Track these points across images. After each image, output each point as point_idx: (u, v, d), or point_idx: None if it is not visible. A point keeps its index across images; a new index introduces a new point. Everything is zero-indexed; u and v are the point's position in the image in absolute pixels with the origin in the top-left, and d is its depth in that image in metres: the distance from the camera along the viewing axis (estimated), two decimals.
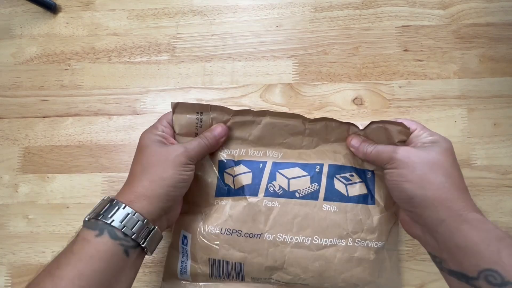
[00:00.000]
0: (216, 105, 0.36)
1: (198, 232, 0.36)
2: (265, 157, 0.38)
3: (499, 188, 0.41)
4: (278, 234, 0.35)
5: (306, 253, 0.35)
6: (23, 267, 0.41)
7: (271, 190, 0.36)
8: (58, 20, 0.47)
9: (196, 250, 0.36)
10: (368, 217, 0.36)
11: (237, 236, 0.35)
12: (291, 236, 0.35)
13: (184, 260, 0.37)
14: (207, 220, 0.36)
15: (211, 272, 0.36)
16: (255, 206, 0.36)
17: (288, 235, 0.35)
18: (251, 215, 0.36)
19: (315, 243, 0.35)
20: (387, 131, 0.34)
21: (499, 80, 0.43)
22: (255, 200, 0.36)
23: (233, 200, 0.36)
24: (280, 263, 0.35)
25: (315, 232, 0.35)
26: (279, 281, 0.36)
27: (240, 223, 0.35)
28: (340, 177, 0.37)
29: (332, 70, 0.44)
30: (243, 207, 0.36)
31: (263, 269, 0.36)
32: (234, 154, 0.38)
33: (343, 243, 0.35)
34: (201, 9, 0.47)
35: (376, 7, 0.46)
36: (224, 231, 0.35)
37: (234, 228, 0.35)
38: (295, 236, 0.35)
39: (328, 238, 0.35)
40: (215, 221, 0.36)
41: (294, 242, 0.35)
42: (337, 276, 0.35)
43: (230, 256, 0.35)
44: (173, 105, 0.35)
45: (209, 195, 0.37)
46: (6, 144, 0.44)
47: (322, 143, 0.38)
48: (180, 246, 0.37)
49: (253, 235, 0.35)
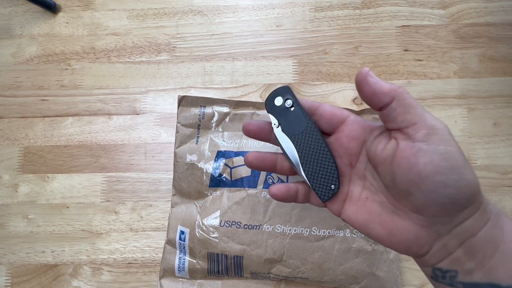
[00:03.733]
0: (219, 99, 0.40)
1: (197, 225, 0.36)
2: (266, 148, 0.38)
3: (499, 188, 0.41)
4: (277, 225, 0.36)
5: (305, 244, 0.36)
6: (23, 267, 0.41)
7: (270, 182, 0.37)
8: (58, 20, 0.47)
9: (195, 244, 0.36)
10: None
11: (237, 228, 0.36)
12: (290, 227, 0.36)
13: (182, 256, 0.37)
14: (204, 212, 0.37)
15: (209, 267, 0.37)
16: (254, 198, 0.36)
17: (286, 226, 0.36)
18: (250, 206, 0.36)
19: (314, 234, 0.36)
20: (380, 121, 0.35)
21: (499, 79, 0.43)
22: (254, 191, 0.36)
23: (230, 192, 0.37)
24: (279, 255, 0.36)
25: (314, 223, 0.36)
26: (279, 275, 0.36)
27: (240, 214, 0.36)
28: None
29: (332, 69, 0.44)
30: (242, 198, 0.36)
31: (262, 262, 0.36)
32: (234, 145, 0.39)
33: (341, 233, 0.36)
34: (201, 9, 0.47)
35: (376, 7, 0.46)
36: (224, 223, 0.36)
37: (233, 220, 0.36)
38: (294, 227, 0.36)
39: (326, 229, 0.36)
40: (213, 213, 0.36)
41: (293, 233, 0.36)
42: (336, 268, 0.35)
43: (229, 249, 0.36)
44: (179, 98, 0.40)
45: (202, 184, 0.38)
46: (6, 144, 0.44)
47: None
48: (178, 242, 0.38)
49: (252, 226, 0.36)
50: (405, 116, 0.21)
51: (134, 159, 0.43)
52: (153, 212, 0.42)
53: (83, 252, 0.41)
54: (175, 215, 0.38)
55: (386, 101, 0.22)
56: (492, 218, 0.21)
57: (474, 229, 0.21)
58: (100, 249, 0.41)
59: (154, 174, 0.42)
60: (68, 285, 0.40)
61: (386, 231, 0.23)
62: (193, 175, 0.38)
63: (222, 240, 0.36)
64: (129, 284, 0.40)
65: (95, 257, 0.41)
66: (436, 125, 0.21)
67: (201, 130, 0.40)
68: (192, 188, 0.38)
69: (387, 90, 0.22)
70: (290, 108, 0.26)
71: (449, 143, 0.20)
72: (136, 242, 0.41)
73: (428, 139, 0.20)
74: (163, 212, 0.41)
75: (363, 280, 0.36)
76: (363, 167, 0.25)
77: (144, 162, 0.43)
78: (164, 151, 0.43)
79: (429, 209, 0.21)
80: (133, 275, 0.40)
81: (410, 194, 0.21)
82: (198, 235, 0.36)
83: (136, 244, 0.41)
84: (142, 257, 0.41)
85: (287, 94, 0.26)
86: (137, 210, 0.42)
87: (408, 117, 0.21)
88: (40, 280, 0.40)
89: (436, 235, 0.21)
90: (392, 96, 0.22)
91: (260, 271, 0.36)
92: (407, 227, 0.22)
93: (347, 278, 0.36)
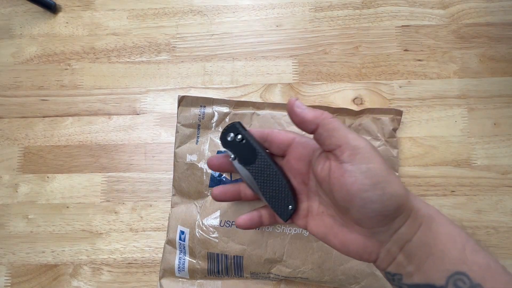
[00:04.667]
0: (219, 99, 0.40)
1: (197, 225, 0.36)
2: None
3: (499, 188, 0.41)
4: (277, 225, 0.35)
5: (305, 244, 0.36)
6: (23, 267, 0.41)
7: None
8: (58, 20, 0.47)
9: (195, 244, 0.36)
10: None
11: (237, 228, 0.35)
12: (290, 227, 0.36)
13: (182, 256, 0.37)
14: (204, 212, 0.37)
15: (209, 267, 0.37)
16: None
17: (286, 226, 0.36)
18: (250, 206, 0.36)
19: None
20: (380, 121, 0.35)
21: (499, 79, 0.43)
22: None
23: None
24: (279, 255, 0.36)
25: None
26: (279, 275, 0.36)
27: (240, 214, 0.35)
28: None
29: (332, 69, 0.44)
30: None
31: (262, 262, 0.36)
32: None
33: None
34: (201, 9, 0.47)
35: (376, 7, 0.46)
36: (224, 223, 0.36)
37: (234, 220, 0.36)
38: (294, 227, 0.36)
39: None
40: (213, 213, 0.36)
41: (293, 233, 0.36)
42: (336, 268, 0.35)
43: (229, 249, 0.36)
44: (179, 98, 0.40)
45: (202, 184, 0.38)
46: (6, 144, 0.44)
47: None
48: (178, 242, 0.38)
49: None
50: (330, 140, 0.23)
51: (134, 159, 0.43)
52: (153, 212, 0.42)
53: (83, 252, 0.41)
54: (175, 215, 0.38)
55: (312, 128, 0.24)
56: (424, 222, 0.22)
57: (408, 235, 0.22)
58: (100, 249, 0.41)
59: (154, 174, 0.42)
60: (68, 285, 0.40)
61: (339, 242, 0.25)
62: (193, 175, 0.38)
63: (222, 240, 0.36)
64: (129, 284, 0.40)
65: (95, 257, 0.41)
66: (358, 144, 0.22)
67: (201, 130, 0.40)
68: (192, 188, 0.38)
69: (311, 118, 0.24)
70: (241, 142, 0.28)
71: (371, 160, 0.22)
72: (136, 242, 0.41)
73: (352, 159, 0.22)
74: (163, 212, 0.41)
75: (363, 280, 0.36)
76: (314, 185, 0.27)
77: (144, 162, 0.43)
78: (164, 151, 0.43)
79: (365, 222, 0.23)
80: (133, 275, 0.40)
81: (348, 209, 0.23)
82: (198, 235, 0.36)
83: (136, 244, 0.41)
84: (142, 257, 0.41)
85: (236, 129, 0.28)
86: (137, 210, 0.42)
87: (333, 140, 0.23)
88: (40, 280, 0.40)
89: (379, 243, 0.23)
90: (316, 123, 0.24)
91: (260, 271, 0.36)
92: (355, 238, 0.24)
93: (347, 278, 0.36)
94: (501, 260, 0.38)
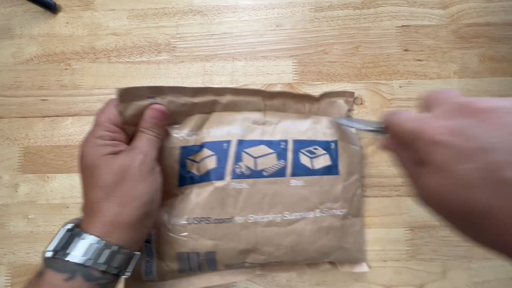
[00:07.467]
0: (172, 86, 0.33)
1: (163, 226, 0.34)
2: (229, 135, 0.36)
3: None
4: (249, 215, 0.35)
5: (277, 230, 0.35)
6: (23, 267, 0.41)
7: (238, 171, 0.35)
8: (58, 20, 0.47)
9: (162, 246, 0.34)
10: (332, 187, 0.37)
11: (206, 223, 0.34)
12: (262, 216, 0.35)
13: (149, 260, 0.35)
14: (172, 212, 0.34)
15: (180, 267, 0.35)
16: (222, 190, 0.34)
17: (259, 215, 0.35)
18: (219, 200, 0.34)
19: (286, 218, 0.35)
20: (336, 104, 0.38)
21: (499, 80, 0.43)
22: (222, 184, 0.34)
23: (199, 187, 0.35)
24: (253, 245, 0.35)
25: (285, 208, 0.36)
26: (253, 263, 0.35)
27: (208, 209, 0.34)
28: (305, 151, 0.37)
29: (332, 70, 0.44)
30: (210, 192, 0.34)
31: (236, 254, 0.35)
32: (196, 137, 0.36)
33: (312, 215, 0.36)
34: (201, 9, 0.47)
35: (376, 7, 0.46)
36: (191, 220, 0.34)
37: (202, 216, 0.34)
38: (266, 215, 0.35)
39: (298, 212, 0.36)
40: (180, 212, 0.34)
41: (266, 221, 0.35)
42: (309, 248, 0.36)
43: (200, 246, 0.34)
44: (118, 92, 0.30)
45: (172, 185, 0.35)
46: (6, 144, 0.44)
47: (284, 119, 0.39)
48: (144, 245, 0.35)
49: (223, 220, 0.34)
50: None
51: None
52: None
53: None
54: None
55: None
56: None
57: None
58: None
59: None
60: None
61: None
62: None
63: (192, 238, 0.34)
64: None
65: None
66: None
67: None
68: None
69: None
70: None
71: None
72: None
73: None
74: None
75: (333, 253, 0.37)
76: None
77: None
78: None
79: None
80: None
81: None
82: (166, 236, 0.34)
83: None
84: None
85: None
86: None
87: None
88: None
89: None
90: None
91: (234, 262, 0.35)
92: None
93: (319, 255, 0.36)
94: (499, 260, 0.38)
